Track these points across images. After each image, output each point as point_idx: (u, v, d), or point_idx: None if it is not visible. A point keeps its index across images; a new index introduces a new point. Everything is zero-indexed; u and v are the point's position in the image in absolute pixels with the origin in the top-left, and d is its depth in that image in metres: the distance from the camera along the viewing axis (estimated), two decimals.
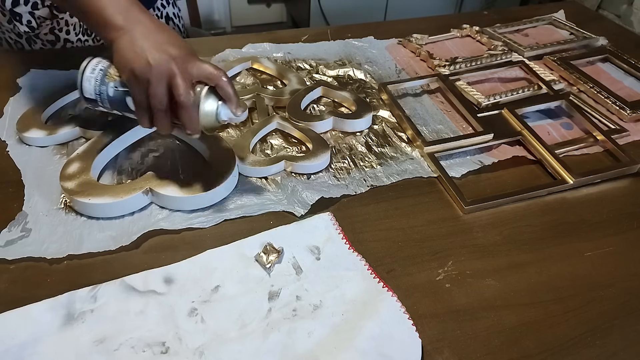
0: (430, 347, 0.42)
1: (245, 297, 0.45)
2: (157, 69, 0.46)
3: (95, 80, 0.50)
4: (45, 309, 0.43)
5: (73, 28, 0.79)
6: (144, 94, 0.48)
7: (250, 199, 0.56)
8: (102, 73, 0.51)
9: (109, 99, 0.51)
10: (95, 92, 0.51)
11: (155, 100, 0.48)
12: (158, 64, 0.46)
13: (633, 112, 0.72)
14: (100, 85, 0.51)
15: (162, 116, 0.49)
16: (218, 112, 0.50)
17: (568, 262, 0.51)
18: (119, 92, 0.51)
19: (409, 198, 0.58)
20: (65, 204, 0.54)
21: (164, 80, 0.47)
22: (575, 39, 0.91)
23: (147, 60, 0.46)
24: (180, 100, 0.47)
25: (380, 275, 0.47)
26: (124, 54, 0.48)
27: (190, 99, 0.48)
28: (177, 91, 0.47)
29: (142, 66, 0.47)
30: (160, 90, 0.47)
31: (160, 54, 0.47)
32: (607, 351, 0.43)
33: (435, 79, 0.77)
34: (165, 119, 0.49)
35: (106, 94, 0.51)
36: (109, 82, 0.50)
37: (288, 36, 0.90)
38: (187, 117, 0.48)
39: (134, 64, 0.47)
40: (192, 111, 0.48)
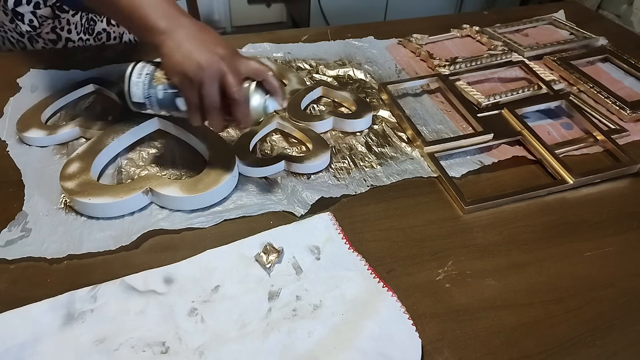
0: (430, 347, 0.42)
1: (245, 297, 0.45)
2: (208, 70, 0.48)
3: (143, 85, 0.52)
4: (45, 309, 0.43)
5: (75, 27, 0.79)
6: (196, 95, 0.49)
7: (250, 199, 0.56)
8: (149, 77, 0.52)
9: (158, 101, 0.53)
10: (144, 96, 0.52)
11: (208, 99, 0.49)
12: (209, 65, 0.48)
13: (633, 112, 0.72)
14: (148, 89, 0.52)
15: (215, 114, 0.51)
16: (266, 105, 0.52)
17: (568, 262, 0.51)
18: (169, 94, 0.52)
19: (409, 198, 0.58)
20: (65, 204, 0.54)
21: (216, 80, 0.49)
22: (575, 39, 0.91)
23: (198, 62, 0.48)
24: (233, 97, 0.49)
25: (380, 275, 0.47)
26: (173, 57, 0.49)
27: (242, 95, 0.50)
28: (230, 90, 0.49)
29: (194, 68, 0.48)
30: (213, 90, 0.49)
31: (209, 55, 0.48)
32: (607, 351, 0.43)
33: (435, 79, 0.77)
34: (218, 116, 0.51)
35: (155, 97, 0.52)
36: (157, 85, 0.52)
37: (288, 36, 0.90)
38: (241, 113, 0.50)
39: (185, 67, 0.48)
40: (245, 107, 0.50)
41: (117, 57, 0.80)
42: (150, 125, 0.64)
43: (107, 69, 0.77)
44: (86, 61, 0.78)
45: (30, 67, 0.76)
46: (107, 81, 0.72)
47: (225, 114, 0.51)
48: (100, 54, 0.81)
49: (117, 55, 0.81)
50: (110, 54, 0.81)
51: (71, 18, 0.78)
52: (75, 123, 0.64)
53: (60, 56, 0.80)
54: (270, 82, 0.51)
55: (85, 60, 0.79)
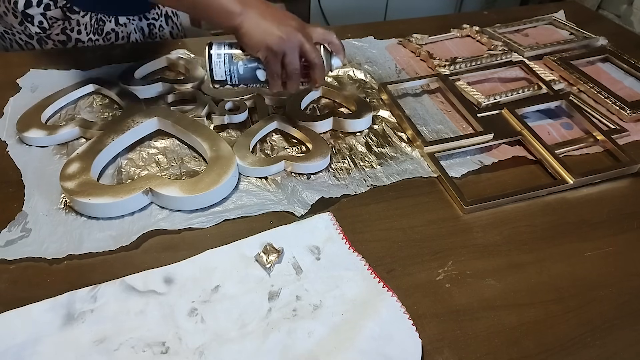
0: (430, 347, 0.42)
1: (245, 297, 0.45)
2: (289, 41, 0.56)
3: (224, 63, 0.59)
4: (45, 309, 0.43)
5: (84, 28, 0.79)
6: (279, 65, 0.57)
7: (250, 199, 0.56)
8: (228, 56, 0.59)
9: (239, 76, 0.60)
10: (225, 72, 0.59)
11: (291, 67, 0.57)
12: (289, 37, 0.56)
13: (633, 112, 0.72)
14: (229, 66, 0.59)
15: (296, 78, 0.59)
16: (332, 64, 0.61)
17: (568, 262, 0.51)
18: (249, 69, 0.59)
19: (409, 198, 0.58)
20: (65, 204, 0.54)
21: (296, 50, 0.57)
22: (575, 39, 0.91)
23: (280, 36, 0.55)
24: (314, 62, 0.58)
25: (380, 275, 0.47)
26: (255, 35, 0.56)
27: (321, 59, 0.58)
28: (310, 55, 0.57)
29: (277, 42, 0.55)
30: (295, 58, 0.57)
31: (286, 28, 0.56)
32: (607, 351, 0.43)
33: (435, 79, 0.77)
34: (298, 80, 0.59)
35: (236, 73, 0.60)
36: (238, 61, 0.59)
37: None
38: (319, 74, 0.59)
39: (268, 41, 0.55)
40: (322, 68, 0.59)
41: (122, 56, 0.80)
42: (150, 125, 0.64)
43: (107, 69, 0.77)
44: (86, 61, 0.78)
45: (30, 67, 0.76)
46: (107, 81, 0.72)
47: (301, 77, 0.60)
48: (101, 54, 0.81)
49: (123, 55, 0.81)
50: (114, 54, 0.81)
51: (81, 19, 0.78)
52: (75, 123, 0.64)
53: (59, 56, 0.80)
54: (335, 44, 0.61)
55: (86, 60, 0.78)
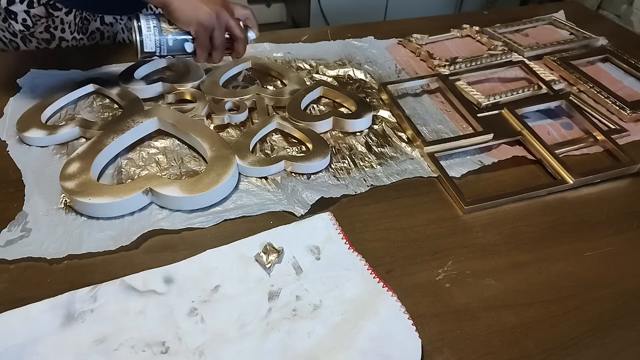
0: (430, 347, 0.42)
1: (245, 297, 0.45)
2: (218, 18, 0.62)
3: (154, 35, 0.62)
4: (45, 309, 0.43)
5: (68, 26, 0.79)
6: (207, 38, 0.63)
7: (250, 199, 0.56)
8: (157, 29, 0.62)
9: (168, 48, 0.64)
10: (155, 45, 0.63)
11: (218, 40, 0.64)
12: (218, 14, 0.62)
13: (633, 112, 0.72)
14: (159, 38, 0.62)
15: (221, 51, 0.66)
16: (249, 36, 0.68)
17: (568, 262, 0.51)
18: (178, 41, 0.64)
19: (409, 198, 0.58)
20: (65, 204, 0.54)
21: (224, 25, 0.63)
22: (575, 39, 0.91)
23: (209, 13, 0.61)
24: (239, 37, 0.65)
25: (380, 275, 0.47)
26: (185, 11, 0.61)
27: (244, 34, 0.66)
28: (235, 30, 0.64)
29: (207, 18, 0.61)
30: (222, 32, 0.63)
31: (213, 6, 0.61)
32: (607, 351, 0.43)
33: (435, 79, 0.77)
34: (222, 52, 0.66)
35: (165, 45, 0.63)
36: (167, 34, 0.63)
37: (288, 36, 0.90)
38: (242, 46, 0.67)
39: (199, 17, 0.61)
40: (244, 41, 0.67)
41: (116, 56, 0.80)
42: (150, 125, 0.64)
43: (107, 69, 0.77)
44: (87, 61, 0.78)
45: (30, 67, 0.76)
46: (107, 81, 0.72)
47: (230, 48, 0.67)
48: (102, 54, 0.81)
49: (117, 55, 0.81)
50: (112, 54, 0.81)
51: (65, 17, 0.78)
52: (75, 123, 0.64)
53: (59, 56, 0.80)
54: (251, 19, 0.69)
55: (87, 60, 0.79)
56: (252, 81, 0.77)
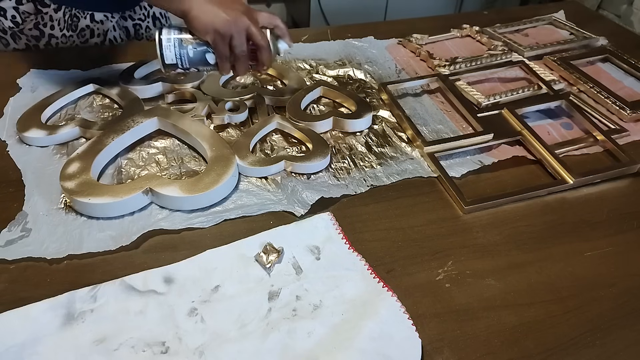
0: (430, 347, 0.42)
1: (245, 297, 0.45)
2: (236, 24, 0.58)
3: (174, 47, 0.61)
4: (45, 308, 0.43)
5: (58, 23, 0.79)
6: (227, 47, 0.60)
7: (250, 199, 0.56)
8: (178, 40, 0.61)
9: (189, 59, 0.62)
10: (176, 56, 0.61)
11: (239, 49, 0.60)
12: (236, 21, 0.58)
13: (633, 112, 0.72)
14: (179, 50, 0.61)
15: (244, 61, 0.62)
16: (279, 47, 0.64)
17: (568, 262, 0.51)
18: (199, 52, 0.61)
19: (409, 198, 0.58)
20: (65, 204, 0.54)
21: (243, 32, 0.59)
22: (575, 39, 0.91)
23: (227, 19, 0.58)
24: (260, 44, 0.60)
25: (380, 275, 0.47)
26: (203, 18, 0.58)
27: (266, 42, 0.61)
28: (256, 38, 0.60)
29: (224, 25, 0.58)
30: (242, 40, 0.60)
31: (233, 12, 0.58)
32: (607, 351, 0.43)
33: (435, 79, 0.77)
34: (246, 62, 0.62)
35: (186, 57, 0.61)
36: (187, 45, 0.61)
37: None
38: (265, 56, 0.62)
39: (216, 25, 0.58)
40: (268, 51, 0.62)
41: (116, 57, 0.80)
42: (150, 125, 0.64)
43: (107, 69, 0.77)
44: (87, 61, 0.78)
45: (30, 67, 0.76)
46: (107, 81, 0.72)
47: (249, 60, 0.62)
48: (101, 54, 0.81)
49: (117, 55, 0.81)
50: (111, 54, 0.81)
51: (54, 14, 0.78)
52: (75, 123, 0.64)
53: (59, 56, 0.80)
54: (280, 28, 0.64)
55: (87, 60, 0.79)
56: (252, 81, 0.77)
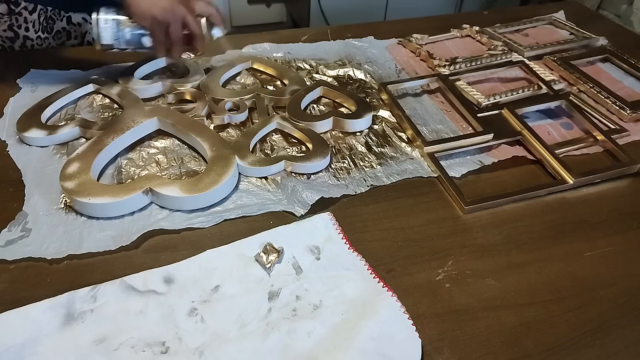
0: (430, 347, 0.42)
1: (245, 297, 0.45)
2: (173, 13, 0.62)
3: (112, 29, 0.64)
4: (45, 308, 0.43)
5: (32, 25, 0.78)
6: (163, 33, 0.64)
7: (250, 199, 0.56)
8: (115, 22, 0.65)
9: (126, 41, 0.66)
10: (112, 38, 0.65)
11: (175, 36, 0.64)
12: (173, 9, 0.62)
13: (633, 112, 0.72)
14: (117, 32, 0.65)
15: (179, 46, 0.66)
16: (213, 34, 0.69)
17: (568, 262, 0.51)
18: (135, 35, 0.66)
19: (409, 198, 0.58)
20: (65, 204, 0.54)
21: (180, 21, 0.63)
22: (575, 39, 0.91)
23: (164, 7, 0.61)
24: (196, 33, 0.65)
25: (380, 275, 0.47)
26: (142, 5, 0.62)
27: (200, 29, 0.66)
28: (191, 27, 0.64)
29: (162, 13, 0.62)
30: (178, 28, 0.64)
31: (169, 1, 0.62)
32: (607, 351, 0.43)
33: (435, 79, 0.77)
34: (180, 48, 0.67)
35: (123, 39, 0.66)
36: (124, 28, 0.65)
37: (288, 36, 0.90)
38: (199, 43, 0.67)
39: (154, 11, 0.61)
40: (202, 38, 0.67)
41: (116, 57, 0.80)
42: (150, 125, 0.64)
43: (107, 69, 0.77)
44: (87, 61, 0.78)
45: (30, 67, 0.76)
46: (107, 81, 0.72)
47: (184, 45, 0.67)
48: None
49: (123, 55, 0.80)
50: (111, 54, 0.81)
51: (29, 16, 0.77)
52: (75, 123, 0.64)
53: (59, 56, 0.80)
54: (215, 17, 0.68)
55: (86, 60, 0.79)
56: (252, 81, 0.77)
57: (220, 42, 0.71)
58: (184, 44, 0.66)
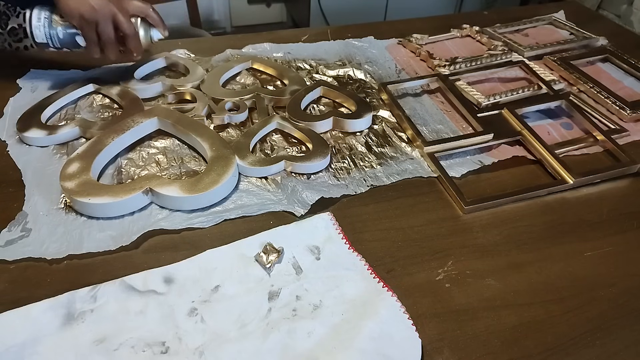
0: (430, 347, 0.42)
1: (245, 297, 0.45)
2: (101, 11, 0.60)
3: (44, 27, 0.63)
4: (45, 308, 0.43)
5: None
6: (94, 32, 0.62)
7: (250, 199, 0.56)
8: (47, 20, 0.64)
9: (60, 40, 0.65)
10: (46, 36, 0.64)
11: (105, 36, 0.62)
12: (101, 7, 0.60)
13: (633, 112, 0.72)
14: (49, 30, 0.64)
15: (111, 47, 0.64)
16: (151, 35, 0.67)
17: (568, 262, 0.51)
18: (68, 34, 0.65)
19: (409, 198, 0.58)
20: (65, 204, 0.54)
21: (109, 20, 0.61)
22: (575, 39, 0.91)
23: (92, 6, 0.60)
24: (126, 32, 0.63)
25: (380, 275, 0.47)
26: (70, 4, 0.60)
27: (132, 30, 0.64)
28: (122, 26, 0.63)
29: (89, 11, 0.60)
30: (107, 27, 0.62)
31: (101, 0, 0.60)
32: (607, 351, 0.43)
33: (435, 79, 0.77)
34: (114, 48, 0.65)
35: (56, 37, 0.64)
36: (57, 27, 0.64)
37: (288, 36, 0.90)
38: (133, 43, 0.65)
39: (81, 10, 0.60)
40: (135, 39, 0.65)
41: None
42: (150, 125, 0.64)
43: (107, 69, 0.77)
44: (87, 61, 0.78)
45: (30, 67, 0.76)
46: (107, 81, 0.72)
47: (120, 45, 0.65)
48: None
49: None
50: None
51: None
52: (75, 123, 0.64)
53: (59, 56, 0.80)
54: (152, 17, 0.66)
55: (86, 60, 0.78)
56: (252, 81, 0.77)
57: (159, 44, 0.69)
58: (119, 44, 0.64)
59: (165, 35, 0.68)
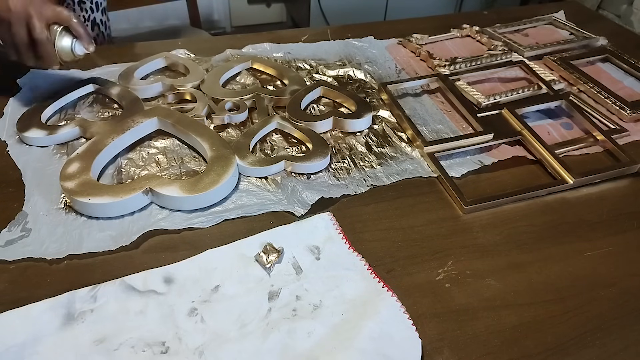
0: (430, 347, 0.42)
1: (245, 297, 0.45)
2: (15, 12, 0.57)
3: None
4: (45, 308, 0.43)
5: None
6: (8, 33, 0.59)
7: (250, 199, 0.56)
8: None
9: None
10: None
11: (17, 38, 0.59)
12: (16, 8, 0.57)
13: (633, 112, 0.72)
14: None
15: (25, 50, 0.60)
16: (73, 47, 0.62)
17: (568, 262, 0.51)
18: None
19: (409, 198, 0.58)
20: (65, 204, 0.54)
21: (23, 21, 0.58)
22: (575, 39, 0.91)
23: (8, 5, 0.57)
24: (36, 37, 0.59)
25: (380, 275, 0.47)
26: None
27: (45, 36, 0.59)
28: (33, 30, 0.59)
29: (4, 10, 0.57)
30: (20, 30, 0.58)
31: (19, 1, 0.57)
32: (607, 351, 0.43)
33: (435, 79, 0.77)
34: (28, 52, 0.61)
35: None
36: None
37: (288, 36, 0.90)
38: (44, 51, 0.61)
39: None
40: (47, 46, 0.60)
41: (116, 57, 0.80)
42: (150, 125, 0.64)
43: (107, 69, 0.77)
44: (87, 61, 0.78)
45: (30, 68, 0.76)
46: (107, 81, 0.72)
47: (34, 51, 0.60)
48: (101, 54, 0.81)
49: (117, 55, 0.81)
50: (111, 54, 0.81)
51: None
52: (75, 123, 0.64)
53: None
54: (75, 28, 0.62)
55: (86, 60, 0.78)
56: (252, 81, 0.77)
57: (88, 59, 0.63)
58: (32, 50, 0.61)
59: (90, 51, 0.63)
